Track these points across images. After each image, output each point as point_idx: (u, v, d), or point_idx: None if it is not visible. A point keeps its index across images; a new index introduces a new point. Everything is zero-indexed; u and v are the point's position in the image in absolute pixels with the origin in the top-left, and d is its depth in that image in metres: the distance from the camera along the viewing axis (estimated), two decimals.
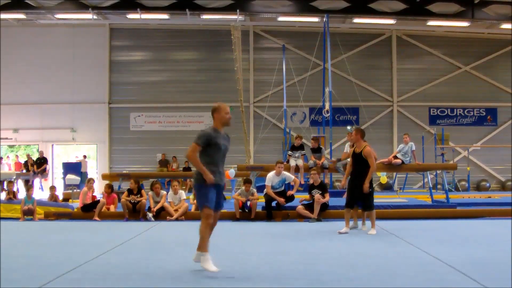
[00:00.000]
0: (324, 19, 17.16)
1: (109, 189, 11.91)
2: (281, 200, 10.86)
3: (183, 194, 11.63)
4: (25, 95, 22.15)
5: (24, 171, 20.07)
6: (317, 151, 13.14)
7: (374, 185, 9.63)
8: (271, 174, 10.99)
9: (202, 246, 5.20)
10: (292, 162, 13.19)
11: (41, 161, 20.39)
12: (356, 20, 20.91)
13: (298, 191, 14.70)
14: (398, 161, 12.60)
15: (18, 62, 22.29)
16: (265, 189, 11.05)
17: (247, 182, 11.31)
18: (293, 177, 11.30)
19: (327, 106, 15.74)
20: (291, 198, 11.13)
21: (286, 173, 11.21)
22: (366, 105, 21.33)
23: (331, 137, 15.60)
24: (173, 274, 5.20)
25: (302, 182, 14.05)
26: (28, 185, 13.10)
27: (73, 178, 19.23)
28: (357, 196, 8.59)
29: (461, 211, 11.57)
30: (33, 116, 22.23)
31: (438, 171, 16.93)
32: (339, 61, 21.13)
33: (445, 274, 5.08)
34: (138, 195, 11.43)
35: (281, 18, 20.95)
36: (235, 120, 22.33)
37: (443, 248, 6.59)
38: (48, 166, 20.90)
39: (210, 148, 5.36)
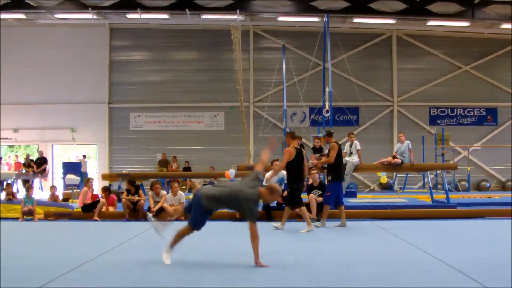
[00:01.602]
0: (324, 19, 17.15)
1: (106, 191, 11.85)
2: (279, 198, 10.82)
3: (182, 196, 11.59)
4: (25, 95, 22.11)
5: (24, 171, 20.08)
6: (318, 151, 13.12)
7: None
8: (268, 174, 10.95)
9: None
10: None
11: (41, 161, 20.38)
12: (356, 20, 20.89)
13: None
14: (398, 161, 12.61)
15: (18, 62, 22.24)
16: None
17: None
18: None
19: (327, 106, 15.73)
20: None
21: (284, 172, 11.14)
22: (366, 105, 21.31)
23: None
24: (173, 274, 5.20)
25: None
26: (28, 185, 13.08)
27: (73, 178, 19.24)
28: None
29: (461, 211, 11.58)
30: (33, 116, 22.20)
31: (438, 171, 16.94)
32: (339, 61, 21.11)
33: (445, 274, 5.08)
34: (136, 195, 11.42)
35: (281, 18, 20.93)
36: (235, 120, 22.59)
37: (443, 248, 6.59)
38: (48, 166, 20.90)
39: None
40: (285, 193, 11.01)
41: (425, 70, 22.79)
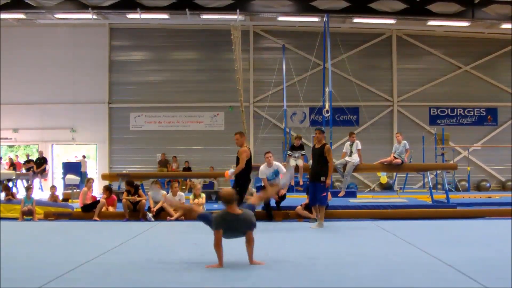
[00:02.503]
0: (324, 19, 17.18)
1: (107, 191, 11.85)
2: (275, 196, 10.69)
3: (182, 196, 11.58)
4: (25, 95, 22.12)
5: (24, 170, 20.08)
6: None
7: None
8: (262, 167, 10.78)
9: None
10: (292, 162, 13.18)
11: (41, 161, 20.38)
12: (356, 20, 20.88)
13: (298, 191, 14.72)
14: (398, 161, 12.61)
15: (18, 62, 22.25)
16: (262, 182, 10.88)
17: None
18: (284, 168, 11.15)
19: (327, 106, 15.75)
20: (283, 197, 11.04)
21: (277, 163, 11.00)
22: (366, 105, 21.33)
23: (331, 137, 15.62)
24: (173, 274, 5.20)
25: (301, 183, 14.07)
26: (28, 186, 13.03)
27: (73, 178, 19.23)
28: None
29: (461, 211, 11.57)
30: (33, 116, 22.20)
31: (438, 171, 16.94)
32: (339, 61, 21.12)
33: (445, 274, 5.08)
34: (136, 195, 11.41)
35: (281, 18, 20.94)
36: (235, 120, 22.63)
37: (443, 248, 6.58)
38: (48, 166, 20.89)
39: None
40: (282, 191, 11.01)
41: (425, 70, 22.79)
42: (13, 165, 20.40)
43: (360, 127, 21.78)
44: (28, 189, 12.07)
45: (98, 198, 12.40)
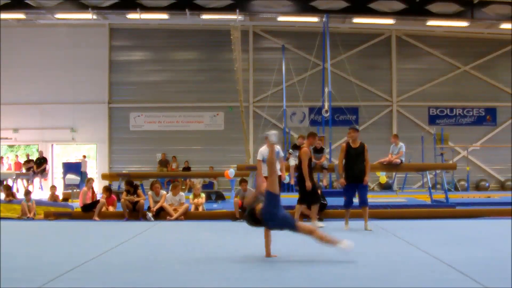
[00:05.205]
0: (324, 19, 17.19)
1: (107, 191, 11.85)
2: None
3: (183, 196, 11.58)
4: (25, 95, 22.13)
5: (24, 170, 20.09)
6: (319, 151, 13.12)
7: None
8: (263, 148, 10.71)
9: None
10: (292, 162, 13.16)
11: (41, 161, 20.39)
12: (356, 20, 20.91)
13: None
14: (398, 160, 12.63)
15: (18, 62, 22.26)
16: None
17: (243, 181, 11.31)
18: (282, 154, 11.09)
19: (326, 106, 15.78)
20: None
21: (279, 147, 10.88)
22: (366, 105, 21.35)
23: (330, 137, 15.64)
24: (173, 274, 5.21)
25: None
26: (26, 191, 12.93)
27: (73, 178, 19.25)
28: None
29: (461, 211, 11.57)
30: (33, 116, 22.21)
31: (437, 171, 16.96)
32: (339, 61, 21.13)
33: (445, 274, 5.08)
34: (135, 195, 11.41)
35: (281, 18, 20.95)
36: (235, 120, 22.61)
37: (443, 248, 6.59)
38: (48, 166, 20.90)
39: None
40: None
41: (425, 70, 22.81)
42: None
43: (360, 127, 21.76)
44: (27, 194, 12.01)
45: (98, 198, 12.40)
